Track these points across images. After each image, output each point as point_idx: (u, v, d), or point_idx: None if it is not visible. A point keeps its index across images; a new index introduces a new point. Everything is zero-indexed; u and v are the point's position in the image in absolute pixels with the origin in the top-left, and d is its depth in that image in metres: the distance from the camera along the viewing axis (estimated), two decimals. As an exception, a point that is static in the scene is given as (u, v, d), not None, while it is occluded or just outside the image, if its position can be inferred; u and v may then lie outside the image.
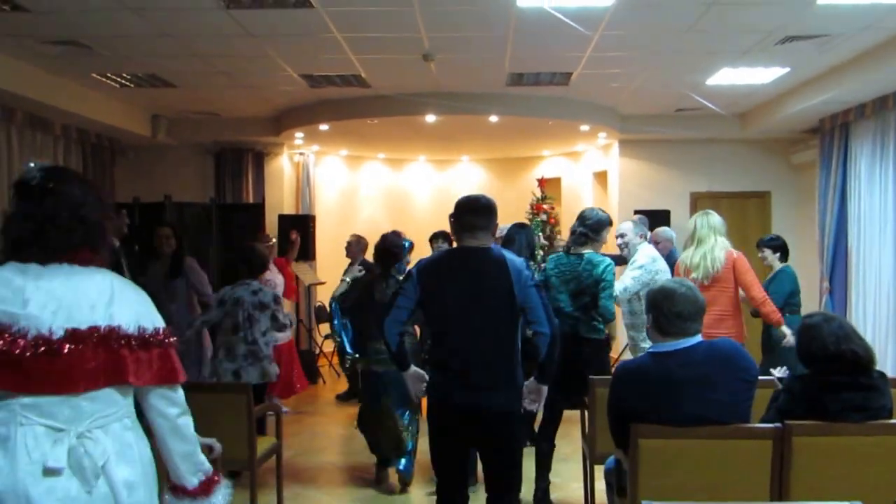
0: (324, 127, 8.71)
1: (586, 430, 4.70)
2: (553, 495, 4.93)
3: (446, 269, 3.48)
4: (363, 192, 11.61)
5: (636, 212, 9.75)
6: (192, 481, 2.19)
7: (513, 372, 3.45)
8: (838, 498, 2.63)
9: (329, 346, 9.75)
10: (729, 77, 7.43)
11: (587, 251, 4.92)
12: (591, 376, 4.41)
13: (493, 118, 8.27)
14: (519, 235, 5.58)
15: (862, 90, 7.16)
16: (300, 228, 8.99)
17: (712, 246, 5.40)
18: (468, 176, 11.98)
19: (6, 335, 1.88)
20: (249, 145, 9.96)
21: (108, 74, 7.12)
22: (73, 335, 1.93)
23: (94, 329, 1.96)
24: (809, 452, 3.15)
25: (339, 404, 8.16)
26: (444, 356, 3.43)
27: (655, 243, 6.78)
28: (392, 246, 5.40)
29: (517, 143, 10.49)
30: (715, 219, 5.55)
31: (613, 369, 3.39)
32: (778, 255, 6.39)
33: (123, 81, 7.37)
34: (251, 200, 9.75)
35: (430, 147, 10.84)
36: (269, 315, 5.30)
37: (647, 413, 3.17)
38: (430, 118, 8.21)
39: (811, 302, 8.13)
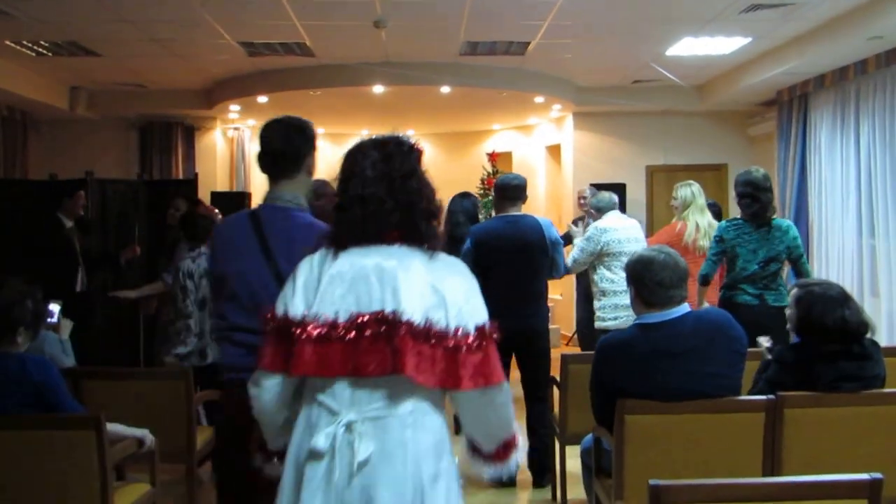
0: (262, 99, 8.50)
1: (555, 409, 4.68)
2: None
3: (502, 230, 4.85)
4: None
5: (591, 185, 9.83)
6: (488, 449, 2.12)
7: (545, 303, 5.09)
8: (832, 470, 2.64)
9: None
10: (690, 47, 7.49)
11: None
12: (563, 353, 4.40)
13: (445, 89, 8.19)
14: (455, 203, 5.76)
15: (822, 60, 7.28)
16: (236, 206, 8.75)
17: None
18: (414, 151, 11.86)
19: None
20: (178, 119, 9.70)
21: (24, 42, 6.81)
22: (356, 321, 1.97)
23: (379, 315, 1.96)
24: (802, 424, 3.18)
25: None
26: (500, 291, 4.03)
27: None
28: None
29: (467, 117, 10.43)
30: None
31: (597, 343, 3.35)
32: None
33: (40, 50, 7.06)
34: (181, 177, 9.48)
35: (375, 121, 10.67)
36: None
37: (633, 388, 3.16)
38: (378, 89, 8.08)
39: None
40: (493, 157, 10.84)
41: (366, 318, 1.93)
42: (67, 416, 3.19)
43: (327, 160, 10.60)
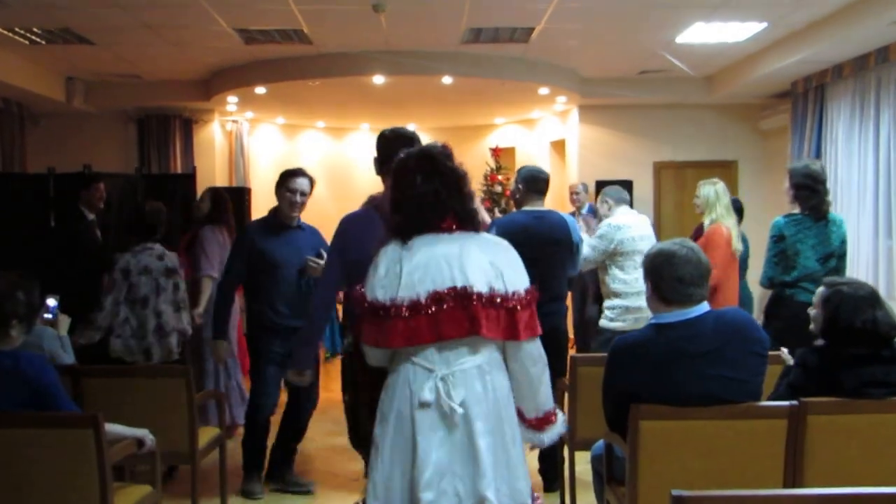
0: (260, 90, 8.31)
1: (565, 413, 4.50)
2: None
3: (529, 225, 4.65)
4: (303, 163, 11.21)
5: (598, 182, 9.64)
6: (530, 416, 2.69)
7: (566, 290, 4.95)
8: (857, 481, 2.47)
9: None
10: (701, 34, 7.27)
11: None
12: (573, 355, 4.23)
13: (447, 79, 7.99)
14: None
15: (841, 48, 7.05)
16: (236, 201, 8.59)
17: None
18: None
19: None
20: (176, 111, 9.50)
21: (16, 28, 6.62)
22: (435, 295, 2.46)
23: (452, 290, 2.46)
24: (826, 432, 2.99)
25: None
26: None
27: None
28: None
29: (469, 109, 10.22)
30: None
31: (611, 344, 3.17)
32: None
33: (33, 37, 6.87)
34: (179, 171, 9.31)
35: (375, 114, 10.49)
36: (173, 283, 4.84)
37: (647, 392, 2.97)
38: (378, 79, 7.88)
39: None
40: (496, 152, 10.65)
41: (443, 294, 2.44)
42: (65, 415, 3.08)
43: (328, 154, 10.42)
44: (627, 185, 9.51)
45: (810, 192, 4.80)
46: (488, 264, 2.51)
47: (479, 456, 2.45)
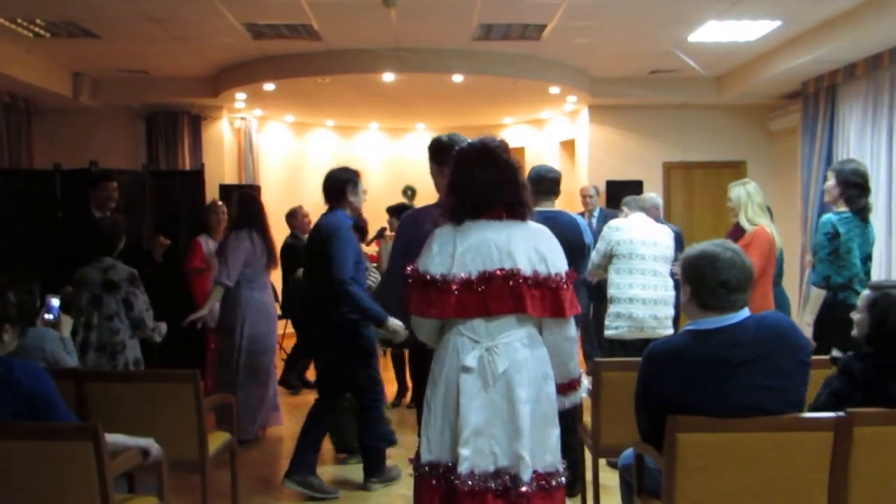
0: (269, 86, 8.05)
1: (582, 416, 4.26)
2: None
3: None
4: (312, 162, 10.98)
5: (608, 183, 9.42)
6: (559, 381, 2.83)
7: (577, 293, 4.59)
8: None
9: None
10: (714, 32, 7.03)
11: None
12: (596, 359, 3.97)
13: (457, 77, 7.73)
14: None
15: (855, 47, 6.81)
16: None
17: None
18: (424, 145, 11.39)
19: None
20: (184, 108, 9.25)
21: (19, 20, 6.35)
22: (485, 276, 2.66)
23: (500, 271, 2.66)
24: (874, 445, 2.72)
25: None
26: None
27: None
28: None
29: (478, 109, 9.96)
30: None
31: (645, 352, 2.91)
32: None
33: (38, 30, 6.61)
34: (188, 169, 9.04)
35: (384, 113, 10.25)
36: (120, 298, 4.45)
37: (685, 403, 2.71)
38: (388, 77, 7.62)
39: (792, 277, 7.83)
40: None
41: (492, 275, 2.65)
42: (62, 426, 2.79)
43: (337, 153, 10.13)
44: (637, 185, 9.32)
45: (860, 191, 4.53)
46: (533, 250, 2.69)
47: (519, 421, 2.64)
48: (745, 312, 2.74)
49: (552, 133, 10.71)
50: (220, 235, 6.65)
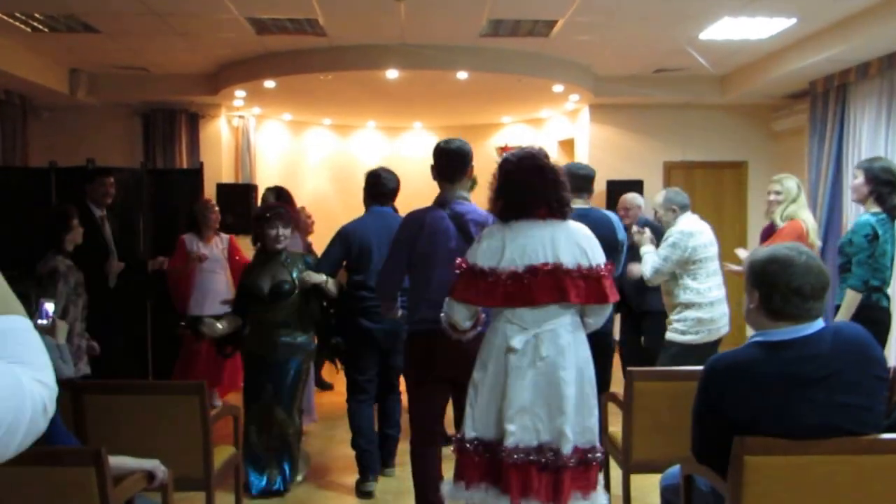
0: (269, 83, 7.67)
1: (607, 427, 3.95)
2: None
3: None
4: (309, 161, 10.61)
5: (608, 182, 9.12)
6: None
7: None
8: None
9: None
10: (726, 30, 6.72)
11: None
12: (629, 367, 3.67)
13: (462, 74, 7.39)
14: None
15: (869, 46, 6.51)
16: (242, 199, 8.00)
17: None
18: (421, 144, 11.06)
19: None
20: (182, 106, 8.85)
21: (16, 14, 5.97)
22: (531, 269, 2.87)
23: (545, 265, 2.86)
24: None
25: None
26: None
27: (627, 209, 6.21)
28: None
29: (478, 108, 9.62)
30: None
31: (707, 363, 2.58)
32: None
33: (35, 24, 6.23)
34: (185, 167, 8.66)
35: (383, 112, 9.90)
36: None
37: (752, 422, 2.40)
38: (392, 73, 7.27)
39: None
40: (504, 150, 10.08)
41: (538, 268, 2.84)
42: (62, 451, 2.48)
43: (334, 152, 9.75)
44: (638, 185, 9.03)
45: (892, 188, 4.27)
46: (575, 245, 2.92)
47: (562, 400, 2.82)
48: (819, 323, 2.43)
49: (550, 132, 10.40)
50: (213, 235, 6.28)
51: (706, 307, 4.72)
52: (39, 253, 4.34)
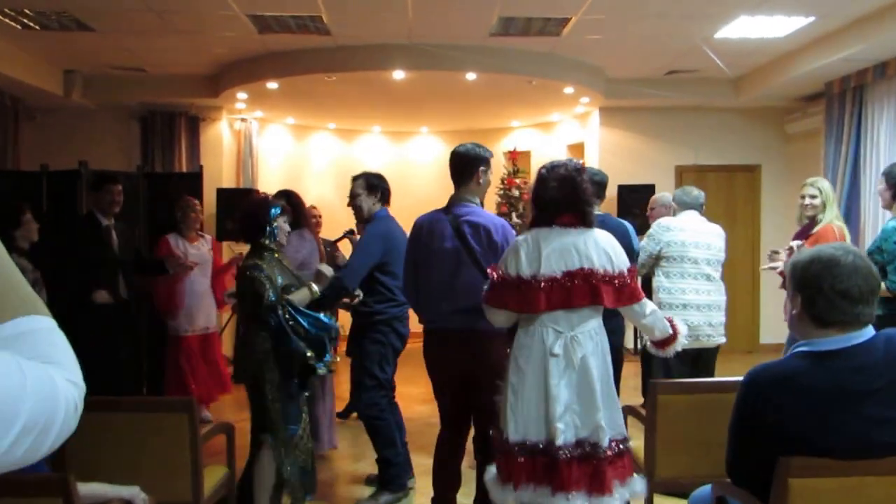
0: (272, 85, 7.48)
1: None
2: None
3: None
4: (312, 166, 10.40)
5: (619, 187, 8.92)
6: (654, 339, 3.33)
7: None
8: None
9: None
10: (743, 28, 6.53)
11: None
12: (652, 380, 3.45)
13: (471, 75, 7.19)
14: None
15: (887, 45, 6.35)
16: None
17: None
18: (427, 149, 10.86)
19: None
20: (182, 108, 8.65)
21: (6, 10, 5.78)
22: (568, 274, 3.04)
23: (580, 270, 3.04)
24: None
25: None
26: None
27: (651, 209, 6.11)
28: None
29: (487, 111, 9.42)
30: None
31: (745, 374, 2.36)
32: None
33: (27, 22, 6.04)
34: (185, 171, 8.46)
35: (388, 115, 9.69)
36: None
37: (795, 439, 2.19)
38: (399, 74, 7.07)
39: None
40: (513, 155, 9.87)
41: (574, 273, 3.01)
42: (27, 480, 2.22)
43: (338, 157, 9.53)
44: (649, 189, 8.83)
45: None
46: (603, 251, 3.07)
47: (595, 396, 2.99)
48: (870, 330, 2.22)
49: (560, 136, 10.18)
50: (196, 236, 6.07)
51: (678, 309, 4.51)
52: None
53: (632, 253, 4.26)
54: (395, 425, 4.46)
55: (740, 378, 2.35)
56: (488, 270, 3.19)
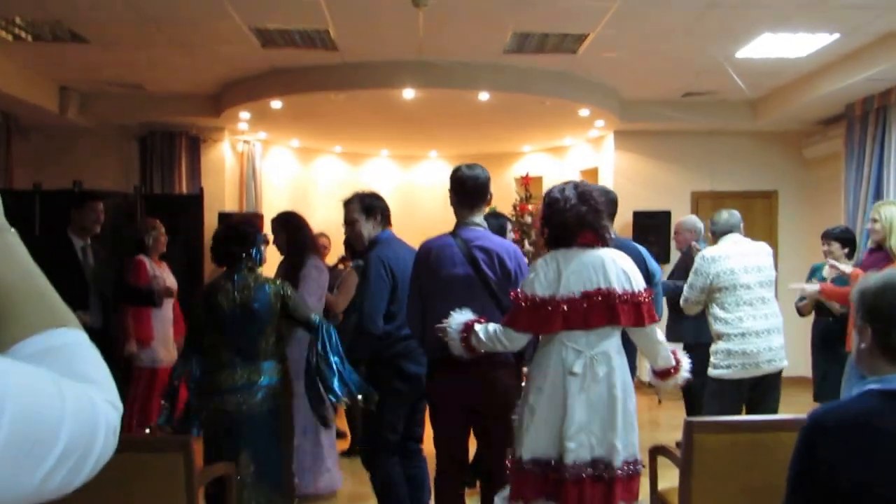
0: (276, 104, 7.25)
1: (657, 486, 3.45)
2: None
3: None
4: (318, 190, 10.16)
5: (634, 213, 8.69)
6: (656, 369, 3.35)
7: None
8: None
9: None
10: (765, 47, 6.34)
11: None
12: (688, 418, 3.18)
13: (484, 95, 6.97)
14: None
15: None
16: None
17: None
18: (436, 174, 10.60)
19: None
20: (183, 128, 8.43)
21: (-3, 20, 5.58)
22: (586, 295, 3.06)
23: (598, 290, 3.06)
24: None
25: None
26: None
27: (676, 233, 6.32)
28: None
29: (499, 134, 9.21)
30: None
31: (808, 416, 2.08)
32: (846, 250, 5.42)
33: (18, 32, 5.81)
34: (185, 193, 8.23)
35: (397, 138, 9.47)
36: None
37: (867, 489, 1.89)
38: (409, 93, 6.84)
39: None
40: (525, 180, 9.62)
41: (592, 293, 3.05)
42: None
43: (344, 181, 9.28)
44: (665, 216, 8.61)
45: None
46: (620, 271, 3.07)
47: (615, 416, 2.99)
48: (952, 366, 1.93)
49: (573, 161, 9.96)
50: (157, 259, 5.77)
51: (736, 339, 4.43)
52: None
53: (648, 275, 4.10)
54: (405, 489, 3.93)
55: (789, 416, 2.08)
56: (511, 295, 3.13)
